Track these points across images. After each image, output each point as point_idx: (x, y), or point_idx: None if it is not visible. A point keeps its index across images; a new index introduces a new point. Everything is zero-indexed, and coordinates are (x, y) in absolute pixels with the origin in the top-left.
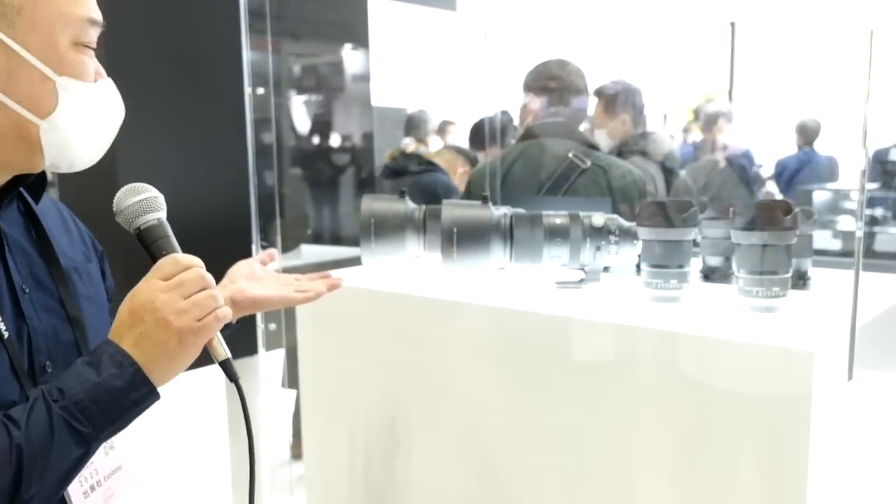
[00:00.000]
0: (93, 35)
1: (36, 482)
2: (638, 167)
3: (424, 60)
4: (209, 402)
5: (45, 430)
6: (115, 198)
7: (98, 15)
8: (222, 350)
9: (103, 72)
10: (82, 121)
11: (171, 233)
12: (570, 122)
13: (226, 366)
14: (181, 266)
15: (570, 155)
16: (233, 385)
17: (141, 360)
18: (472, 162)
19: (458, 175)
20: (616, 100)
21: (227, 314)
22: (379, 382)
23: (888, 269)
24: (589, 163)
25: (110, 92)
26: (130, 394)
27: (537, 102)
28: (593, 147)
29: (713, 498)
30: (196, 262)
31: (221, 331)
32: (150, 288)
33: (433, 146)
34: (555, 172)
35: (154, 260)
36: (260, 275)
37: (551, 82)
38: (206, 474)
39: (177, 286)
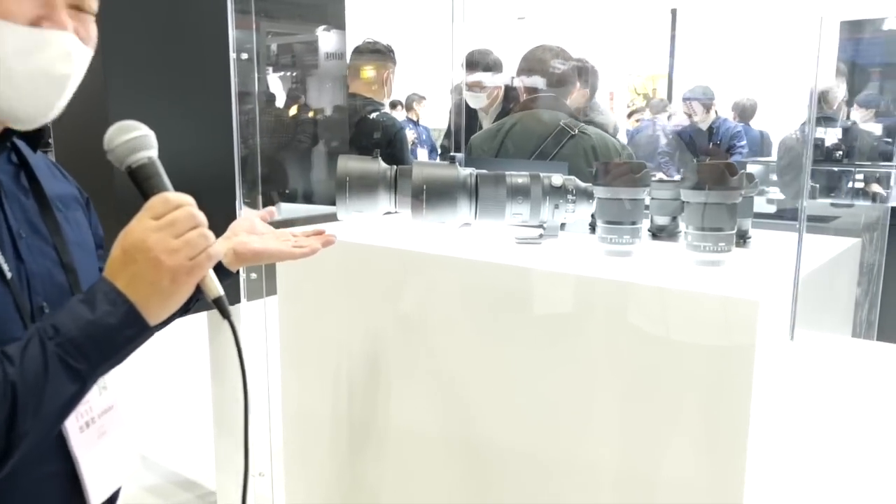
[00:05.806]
0: None
1: (31, 417)
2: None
3: (397, 40)
4: (193, 348)
5: (40, 366)
6: (106, 135)
7: None
8: (215, 288)
9: (62, 23)
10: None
11: (162, 171)
12: (560, 97)
13: (219, 303)
14: (172, 205)
15: (562, 123)
16: (217, 330)
17: (134, 298)
18: None
19: None
20: (583, 75)
21: (219, 252)
22: (353, 327)
23: (815, 230)
24: (577, 130)
25: (49, 41)
26: (124, 331)
27: (530, 81)
28: (576, 118)
29: (662, 432)
30: (187, 200)
31: (222, 280)
32: (142, 227)
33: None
34: (548, 137)
35: (146, 198)
36: (260, 230)
37: (547, 67)
38: (189, 414)
39: (168, 225)
